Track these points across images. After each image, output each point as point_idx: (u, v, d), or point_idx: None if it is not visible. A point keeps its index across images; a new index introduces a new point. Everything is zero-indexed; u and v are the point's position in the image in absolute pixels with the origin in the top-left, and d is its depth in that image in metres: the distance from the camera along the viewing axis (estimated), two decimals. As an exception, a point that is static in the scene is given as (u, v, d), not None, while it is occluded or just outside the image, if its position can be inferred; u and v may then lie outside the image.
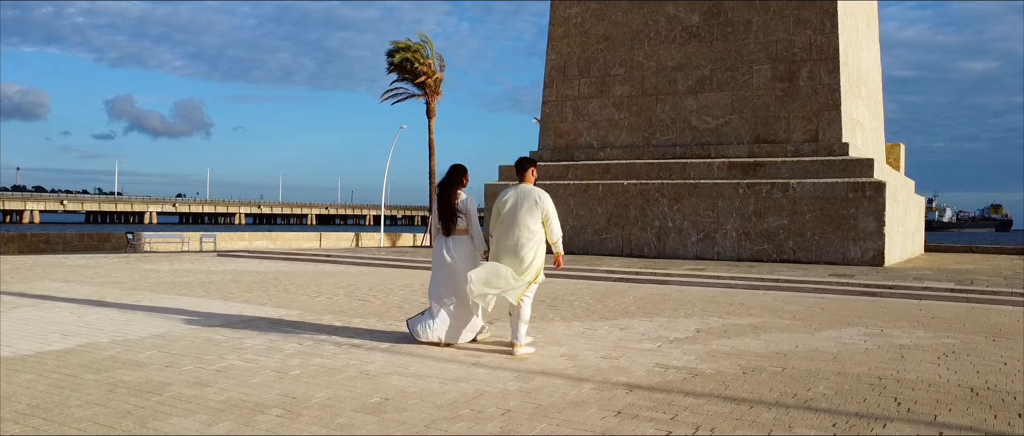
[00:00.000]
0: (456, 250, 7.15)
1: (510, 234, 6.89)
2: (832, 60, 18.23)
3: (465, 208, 7.15)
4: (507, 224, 6.92)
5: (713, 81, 19.55)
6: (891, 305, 10.81)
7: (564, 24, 21.82)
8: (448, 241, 7.19)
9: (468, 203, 7.20)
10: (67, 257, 20.05)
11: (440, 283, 7.16)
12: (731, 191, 17.94)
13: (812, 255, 16.97)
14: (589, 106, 21.22)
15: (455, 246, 7.17)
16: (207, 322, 8.61)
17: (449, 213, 7.10)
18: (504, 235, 6.94)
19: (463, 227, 7.16)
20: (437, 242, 7.29)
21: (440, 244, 7.24)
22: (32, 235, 33.12)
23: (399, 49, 46.31)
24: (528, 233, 6.86)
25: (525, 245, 6.85)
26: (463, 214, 7.14)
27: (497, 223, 7.04)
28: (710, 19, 19.74)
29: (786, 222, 17.30)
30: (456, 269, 7.07)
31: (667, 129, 20.05)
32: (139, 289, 12.16)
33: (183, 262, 17.92)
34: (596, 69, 21.19)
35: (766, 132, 18.87)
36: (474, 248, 7.21)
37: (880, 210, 16.39)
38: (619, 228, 19.21)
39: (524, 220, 6.85)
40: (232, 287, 12.56)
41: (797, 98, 18.57)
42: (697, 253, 18.22)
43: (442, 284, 7.15)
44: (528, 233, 6.86)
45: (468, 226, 7.18)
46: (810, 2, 18.55)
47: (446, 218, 7.12)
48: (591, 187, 19.69)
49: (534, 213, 6.86)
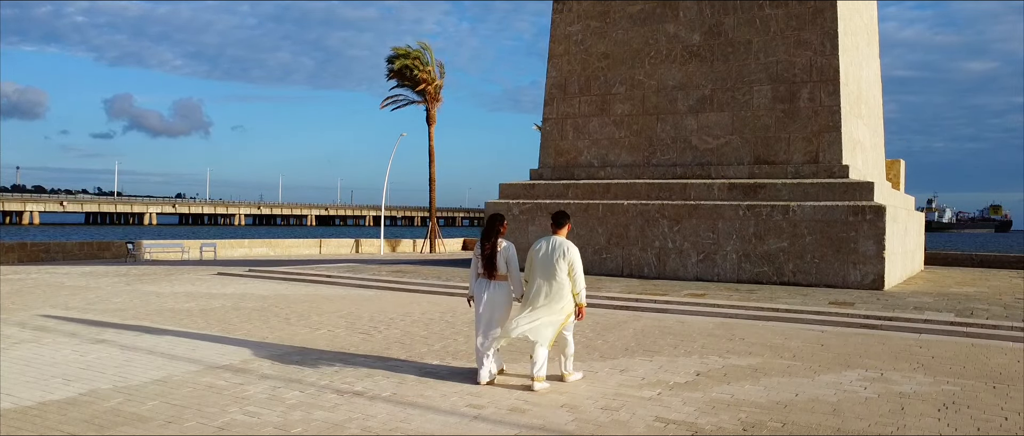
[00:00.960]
0: (496, 293, 7.95)
1: (542, 280, 7.74)
2: (832, 82, 18.25)
3: (506, 256, 7.96)
4: (539, 271, 7.77)
5: (714, 101, 19.58)
6: (891, 341, 10.83)
7: (565, 41, 21.84)
8: (490, 284, 7.96)
9: (508, 251, 7.99)
10: (68, 274, 20.03)
11: (482, 322, 7.96)
12: (731, 212, 17.96)
13: (812, 278, 16.99)
14: (590, 124, 21.24)
15: (496, 289, 7.95)
16: (209, 362, 8.62)
17: (491, 261, 7.91)
18: (537, 280, 7.79)
19: (503, 273, 7.94)
20: (478, 284, 8.06)
21: (481, 286, 8.01)
22: (32, 244, 33.15)
23: (399, 56, 46.34)
24: (557, 281, 7.69)
25: (554, 290, 7.68)
26: (504, 261, 7.95)
27: (531, 269, 7.88)
28: (711, 39, 19.77)
29: (786, 245, 17.32)
30: (496, 310, 7.91)
31: (668, 148, 20.07)
32: (139, 318, 12.17)
33: (183, 281, 17.91)
34: (597, 87, 21.22)
35: (766, 153, 18.90)
36: (511, 293, 8.01)
37: (880, 234, 16.41)
38: (619, 248, 19.24)
39: (554, 269, 7.69)
40: (233, 316, 12.57)
41: (797, 119, 18.59)
42: (697, 274, 18.23)
43: (484, 323, 7.94)
44: (557, 281, 7.69)
45: (508, 272, 7.96)
46: (811, 23, 18.57)
47: (489, 266, 7.92)
48: (591, 207, 19.71)
49: (561, 264, 7.68)
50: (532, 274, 7.86)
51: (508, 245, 8.02)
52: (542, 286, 7.70)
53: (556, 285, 7.66)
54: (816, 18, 18.56)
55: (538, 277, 7.76)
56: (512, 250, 8.05)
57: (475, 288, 8.09)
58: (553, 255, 7.70)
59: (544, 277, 7.70)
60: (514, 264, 8.01)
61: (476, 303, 8.06)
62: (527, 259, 7.99)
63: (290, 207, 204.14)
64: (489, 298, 7.88)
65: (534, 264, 7.83)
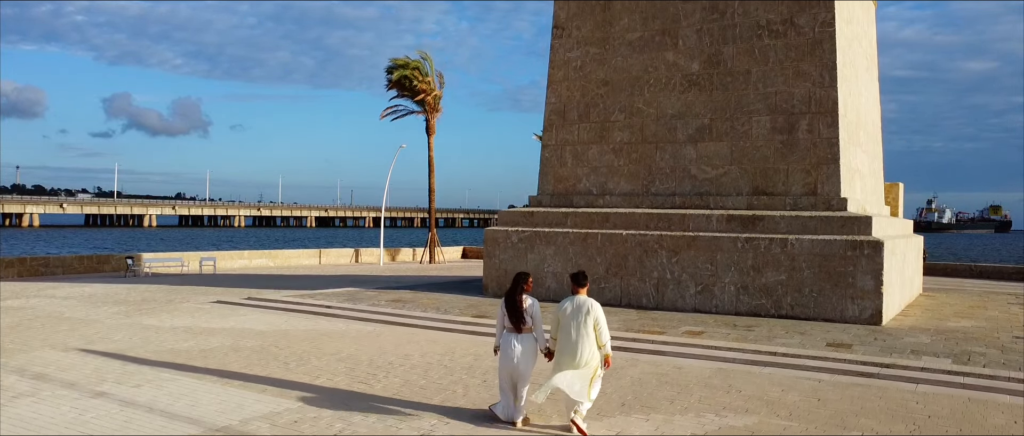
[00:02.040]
0: (522, 346, 8.78)
1: (570, 337, 8.52)
2: (831, 113, 18.28)
3: (532, 312, 8.84)
4: (566, 328, 8.56)
5: (713, 130, 19.60)
6: (888, 394, 10.86)
7: (564, 67, 21.87)
8: (516, 337, 8.80)
9: (533, 308, 8.87)
10: (67, 298, 20.05)
11: (509, 374, 8.77)
12: (730, 245, 17.99)
13: (810, 312, 17.02)
14: (589, 152, 21.26)
15: (522, 342, 8.79)
16: (208, 423, 8.63)
17: (518, 317, 8.77)
18: (565, 337, 8.57)
19: (529, 326, 8.82)
20: (504, 337, 8.89)
21: (508, 339, 8.83)
22: (32, 259, 33.16)
23: (398, 66, 46.26)
24: (585, 335, 8.48)
25: (581, 345, 8.46)
26: (530, 317, 8.82)
27: (558, 328, 8.67)
28: (710, 67, 19.79)
29: (784, 278, 17.34)
30: (522, 361, 8.74)
31: (666, 177, 20.10)
32: (139, 361, 12.19)
33: (182, 312, 17.93)
34: (596, 114, 21.24)
35: (765, 184, 18.92)
36: (536, 345, 8.86)
37: (878, 269, 16.44)
38: (618, 278, 19.27)
39: (580, 326, 8.48)
40: (232, 359, 12.60)
41: (796, 150, 18.62)
42: (695, 306, 18.27)
43: (510, 374, 8.76)
44: (585, 335, 8.48)
45: (533, 326, 8.83)
46: (809, 55, 18.60)
47: (515, 320, 8.78)
48: (590, 236, 19.74)
49: (587, 320, 8.49)
50: (559, 331, 8.64)
51: (533, 301, 8.92)
52: (571, 342, 8.49)
53: (583, 341, 8.45)
54: (814, 50, 18.60)
55: (565, 334, 8.55)
56: (537, 306, 8.93)
57: (503, 340, 8.91)
58: (579, 313, 8.51)
59: (572, 334, 8.48)
60: (538, 318, 8.90)
61: (503, 354, 8.86)
62: (553, 317, 8.80)
63: (289, 209, 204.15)
64: (517, 349, 8.74)
65: (561, 322, 8.62)
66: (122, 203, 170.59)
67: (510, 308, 8.84)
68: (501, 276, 21.05)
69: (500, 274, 21.08)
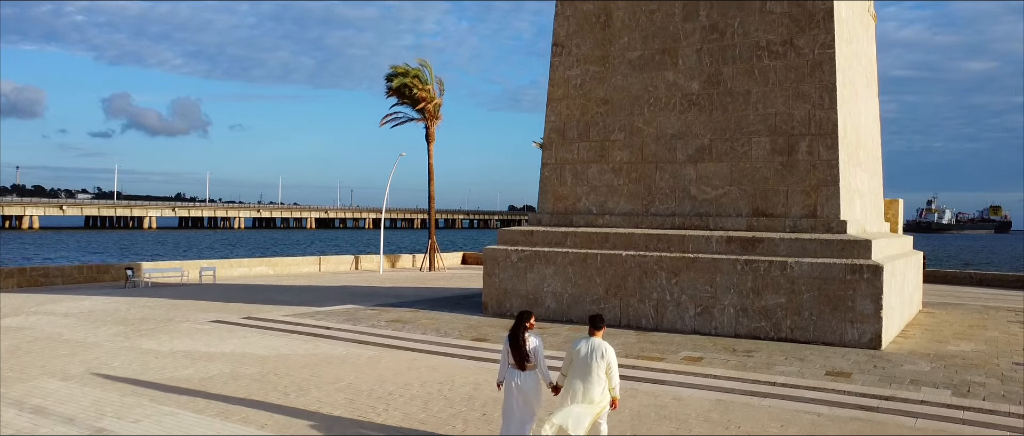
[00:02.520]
0: (525, 383, 9.01)
1: (582, 377, 8.78)
2: (831, 136, 18.28)
3: (535, 350, 9.06)
4: (578, 369, 8.83)
5: (712, 151, 19.60)
6: (887, 428, 10.87)
7: (563, 85, 21.86)
8: (520, 374, 9.02)
9: (537, 346, 9.09)
10: (67, 316, 20.04)
11: (513, 411, 9.03)
12: (729, 267, 17.99)
13: (810, 335, 17.02)
14: (588, 171, 21.26)
15: (525, 380, 9.01)
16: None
17: (521, 355, 9.00)
18: (577, 377, 8.83)
19: (532, 364, 9.04)
20: (508, 373, 9.12)
21: (511, 376, 9.08)
22: (31, 269, 33.22)
23: (397, 74, 46.27)
24: (596, 377, 8.75)
25: (593, 386, 8.73)
26: (533, 355, 9.04)
27: (571, 367, 8.94)
28: (710, 87, 19.79)
29: (784, 301, 17.35)
30: (526, 398, 8.99)
31: (666, 197, 20.09)
32: (138, 392, 12.19)
33: (181, 334, 17.92)
34: (595, 133, 21.23)
35: (764, 205, 18.92)
36: (540, 381, 9.10)
37: (878, 293, 16.44)
38: (617, 298, 19.27)
39: (592, 368, 8.75)
40: (232, 388, 12.60)
41: (796, 172, 18.61)
42: (695, 327, 18.27)
43: (515, 411, 9.02)
44: (596, 377, 8.75)
45: (536, 363, 9.05)
46: (809, 76, 18.59)
47: (519, 358, 9.01)
48: (590, 256, 19.74)
49: (600, 364, 8.78)
50: (571, 369, 8.93)
51: (536, 340, 9.15)
52: (581, 383, 8.75)
53: (594, 383, 8.73)
54: (814, 71, 18.60)
55: (577, 375, 8.81)
56: (540, 344, 9.18)
57: (506, 376, 9.17)
58: (592, 356, 8.79)
59: (583, 375, 8.76)
60: (541, 355, 9.13)
61: (507, 390, 9.12)
62: (567, 356, 9.10)
63: (289, 210, 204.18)
64: (519, 385, 8.99)
65: (574, 362, 8.91)
66: (122, 205, 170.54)
67: (514, 347, 9.05)
68: (500, 295, 21.05)
69: (499, 293, 21.08)
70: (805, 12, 18.81)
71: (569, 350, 9.10)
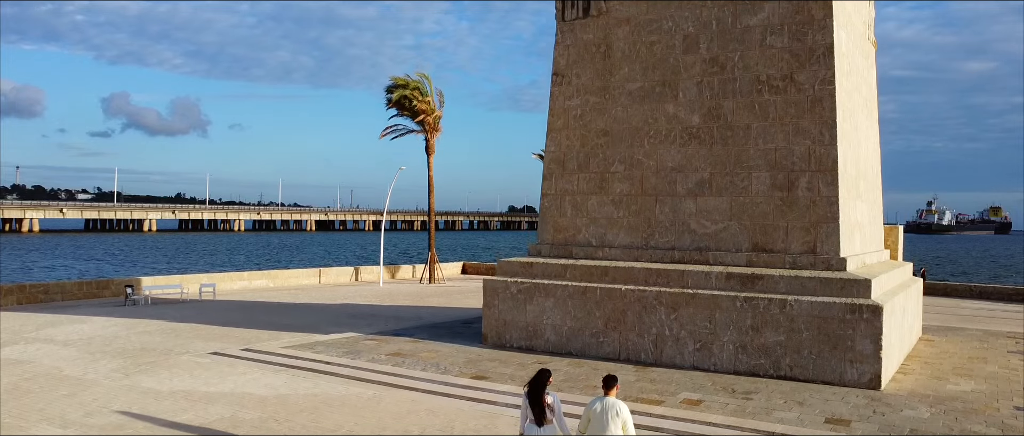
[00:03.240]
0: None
1: (598, 432, 9.33)
2: (831, 172, 18.28)
3: (553, 406, 9.68)
4: (595, 425, 9.37)
5: (712, 185, 19.60)
6: (886, 490, 10.88)
7: (564, 115, 21.87)
8: (540, 428, 9.56)
9: (556, 403, 9.73)
10: (66, 345, 20.04)
11: None
12: (729, 303, 18.00)
13: (809, 373, 17.03)
14: (588, 202, 21.27)
15: (545, 432, 9.55)
16: None
17: (540, 411, 9.57)
18: (594, 434, 9.38)
19: (550, 418, 9.61)
20: (527, 428, 9.67)
21: (531, 430, 9.61)
22: (31, 286, 33.29)
23: (397, 86, 46.33)
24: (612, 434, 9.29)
25: None
26: (551, 410, 9.63)
27: (588, 425, 9.46)
28: (710, 121, 19.79)
29: (783, 339, 17.36)
30: None
31: (666, 231, 20.09)
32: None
33: (181, 370, 17.92)
34: (595, 164, 21.24)
35: (764, 240, 18.92)
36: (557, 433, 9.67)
37: (877, 334, 16.45)
38: (617, 332, 19.28)
39: (608, 426, 9.31)
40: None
41: (796, 208, 18.61)
42: (694, 363, 18.28)
43: None
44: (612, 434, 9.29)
45: (555, 418, 9.64)
46: (809, 112, 18.59)
47: (538, 414, 9.58)
48: (589, 290, 19.75)
49: (616, 420, 9.35)
50: (589, 428, 9.42)
51: (555, 397, 9.77)
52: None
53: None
54: (815, 107, 18.60)
55: (595, 431, 9.34)
56: (558, 401, 9.83)
57: (526, 430, 9.71)
58: (607, 414, 9.34)
59: (600, 431, 9.30)
60: (560, 410, 9.75)
61: None
62: (584, 414, 9.60)
63: (289, 212, 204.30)
64: None
65: (591, 420, 9.42)
66: (122, 208, 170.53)
67: (534, 405, 9.61)
68: (500, 326, 21.06)
69: (499, 324, 21.09)
70: (805, 48, 18.82)
71: (585, 410, 9.64)
